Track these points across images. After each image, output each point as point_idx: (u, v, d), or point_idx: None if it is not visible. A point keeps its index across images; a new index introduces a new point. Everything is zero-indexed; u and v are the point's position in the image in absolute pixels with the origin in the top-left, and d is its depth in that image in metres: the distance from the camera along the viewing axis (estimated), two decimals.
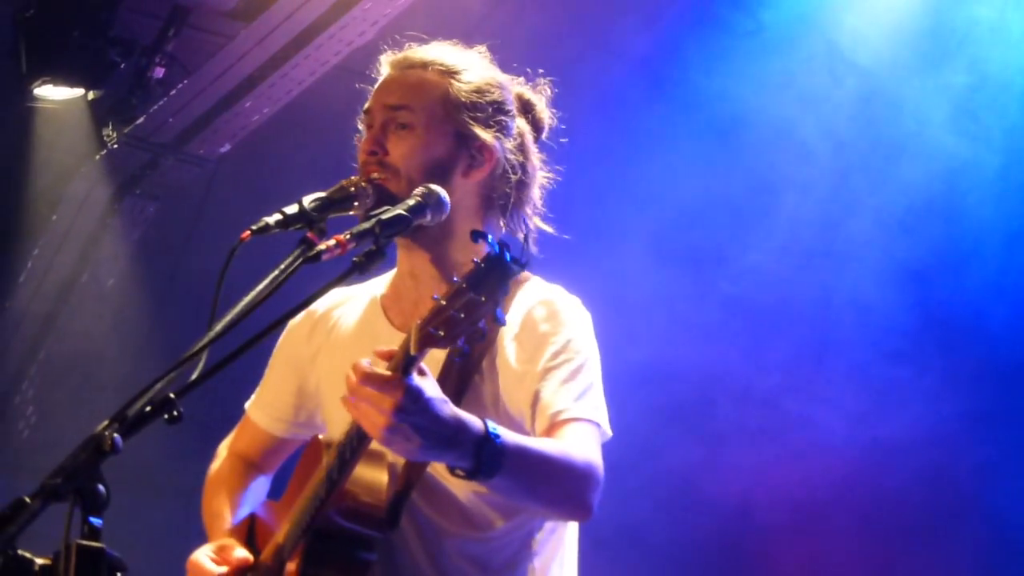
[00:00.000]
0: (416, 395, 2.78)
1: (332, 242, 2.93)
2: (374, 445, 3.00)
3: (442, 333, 2.73)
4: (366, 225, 2.97)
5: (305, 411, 3.62)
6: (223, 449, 3.77)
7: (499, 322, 2.77)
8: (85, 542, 2.36)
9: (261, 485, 3.72)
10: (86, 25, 7.13)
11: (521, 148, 3.43)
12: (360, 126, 3.44)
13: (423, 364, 2.83)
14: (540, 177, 3.48)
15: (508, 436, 2.92)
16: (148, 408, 2.53)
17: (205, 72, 7.49)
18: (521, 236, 3.42)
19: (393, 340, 2.94)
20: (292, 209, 3.01)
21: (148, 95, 7.59)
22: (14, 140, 7.82)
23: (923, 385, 6.32)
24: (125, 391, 2.60)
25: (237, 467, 3.70)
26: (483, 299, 2.71)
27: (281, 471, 3.75)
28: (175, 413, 2.52)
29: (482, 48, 3.51)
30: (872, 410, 6.45)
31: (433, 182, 3.18)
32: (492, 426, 2.90)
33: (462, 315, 2.71)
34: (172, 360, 2.68)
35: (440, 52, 3.44)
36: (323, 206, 3.06)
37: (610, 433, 3.24)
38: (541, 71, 3.54)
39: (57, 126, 7.75)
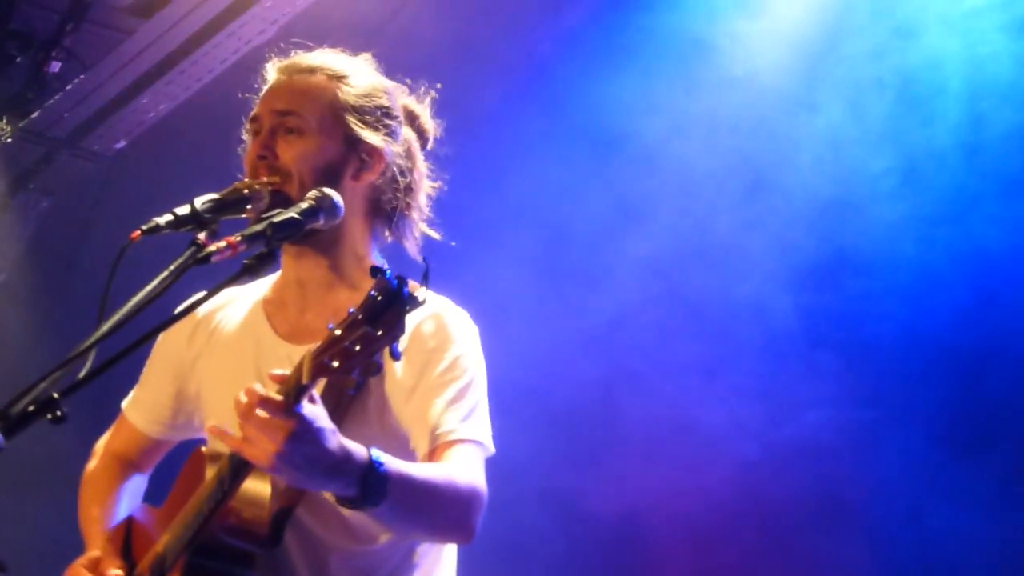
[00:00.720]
0: (308, 425, 2.75)
1: (223, 244, 2.89)
2: None
3: (336, 364, 2.69)
4: (257, 227, 2.94)
5: (183, 414, 3.59)
6: (99, 448, 3.73)
7: (395, 357, 2.74)
8: None
9: (138, 483, 3.69)
10: None
11: (408, 154, 3.45)
12: (245, 134, 3.42)
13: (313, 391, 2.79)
14: (427, 185, 3.50)
15: (392, 464, 2.90)
16: (31, 408, 2.51)
17: (102, 67, 7.43)
18: (414, 250, 3.42)
19: (276, 347, 2.90)
20: (184, 210, 2.96)
21: (44, 89, 7.51)
22: None
23: (819, 393, 6.35)
24: (15, 390, 2.56)
25: (113, 467, 3.67)
26: (380, 334, 2.67)
27: (161, 474, 3.72)
28: (59, 413, 2.50)
29: (367, 56, 3.51)
30: (766, 419, 6.48)
31: (324, 185, 3.16)
32: (376, 454, 2.87)
33: (357, 348, 2.67)
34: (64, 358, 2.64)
35: (327, 58, 3.45)
36: (215, 207, 3.01)
37: (493, 450, 3.25)
38: (425, 83, 3.56)
39: None
